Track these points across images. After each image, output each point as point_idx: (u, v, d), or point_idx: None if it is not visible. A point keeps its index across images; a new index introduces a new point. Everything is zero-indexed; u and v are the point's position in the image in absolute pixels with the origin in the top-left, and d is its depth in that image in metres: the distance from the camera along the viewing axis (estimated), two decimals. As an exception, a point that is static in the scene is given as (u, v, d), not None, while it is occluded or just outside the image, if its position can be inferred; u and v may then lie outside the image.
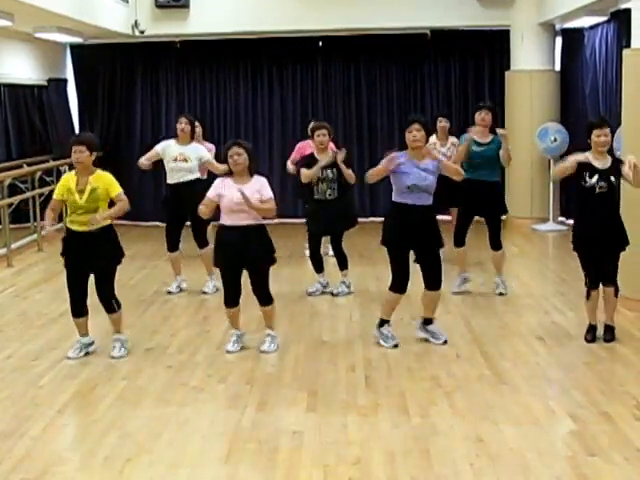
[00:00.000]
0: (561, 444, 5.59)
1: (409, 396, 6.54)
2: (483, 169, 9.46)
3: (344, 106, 15.69)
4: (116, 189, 7.54)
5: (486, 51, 15.44)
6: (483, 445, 5.58)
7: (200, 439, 5.82)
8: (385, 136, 15.28)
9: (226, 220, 7.54)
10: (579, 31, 13.62)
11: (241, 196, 7.27)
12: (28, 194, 13.10)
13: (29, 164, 13.78)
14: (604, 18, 12.18)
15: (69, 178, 7.55)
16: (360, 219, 15.33)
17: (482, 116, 9.62)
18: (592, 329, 7.92)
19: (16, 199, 12.69)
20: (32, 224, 13.16)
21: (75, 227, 7.49)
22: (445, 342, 7.87)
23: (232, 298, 7.71)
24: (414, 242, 7.64)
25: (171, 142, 9.87)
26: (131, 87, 15.92)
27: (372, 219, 14.49)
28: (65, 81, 15.86)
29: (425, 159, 7.60)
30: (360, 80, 15.65)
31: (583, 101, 13.44)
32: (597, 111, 12.65)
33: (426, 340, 7.90)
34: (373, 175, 7.60)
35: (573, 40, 14.12)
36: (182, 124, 9.80)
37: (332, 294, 9.82)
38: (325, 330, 8.43)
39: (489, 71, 15.50)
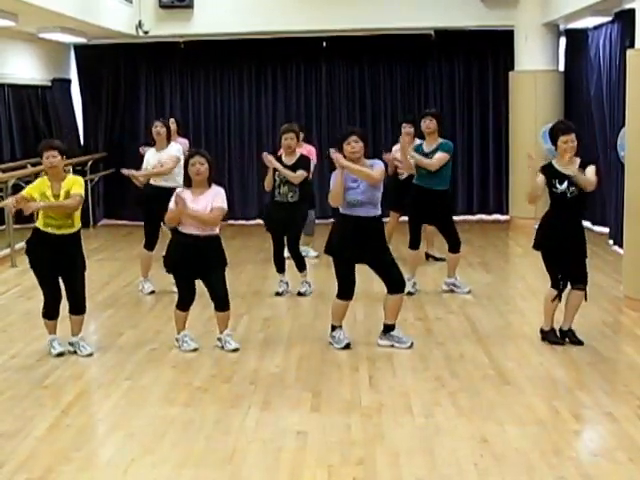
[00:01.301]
0: (565, 444, 5.58)
1: (413, 396, 6.54)
2: (429, 177, 9.48)
3: (348, 106, 15.71)
4: (78, 189, 7.49)
5: (490, 51, 15.45)
6: (487, 445, 5.58)
7: (204, 439, 5.82)
8: (389, 136, 15.27)
9: (182, 227, 7.61)
10: (583, 31, 13.60)
11: (196, 210, 7.48)
12: (32, 194, 13.10)
13: (33, 164, 13.76)
14: (608, 18, 12.16)
15: (43, 182, 7.52)
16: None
17: (427, 123, 9.61)
18: (553, 332, 7.88)
19: (20, 199, 12.68)
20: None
21: (51, 230, 7.48)
22: (411, 345, 7.82)
23: (187, 303, 7.90)
24: (361, 254, 7.65)
25: (151, 151, 9.99)
26: (135, 87, 15.94)
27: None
28: (69, 81, 15.87)
29: None
30: (364, 80, 15.66)
31: (587, 101, 13.42)
32: (601, 111, 12.65)
33: (391, 346, 7.83)
34: (335, 196, 7.60)
35: (577, 40, 14.10)
36: (157, 127, 9.94)
37: (299, 294, 9.88)
38: (329, 330, 8.42)
39: (493, 71, 15.51)
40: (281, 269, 10.00)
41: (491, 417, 6.10)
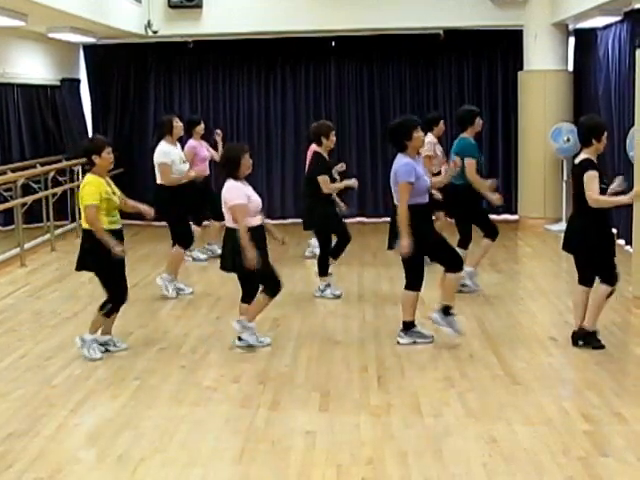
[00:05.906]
0: (574, 444, 5.57)
1: (422, 396, 6.53)
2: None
3: (357, 106, 15.70)
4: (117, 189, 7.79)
5: (499, 51, 15.44)
6: (496, 445, 5.58)
7: (213, 439, 5.83)
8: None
9: (252, 221, 7.54)
10: (592, 31, 13.57)
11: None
12: (41, 194, 13.14)
13: (42, 164, 13.83)
14: (617, 18, 12.13)
15: (101, 182, 7.46)
16: (374, 220, 15.40)
17: (481, 123, 9.71)
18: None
19: (29, 199, 12.71)
20: (45, 224, 13.19)
21: (115, 226, 7.56)
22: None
23: (254, 294, 7.94)
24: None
25: (169, 147, 9.86)
26: (144, 87, 15.95)
27: (385, 219, 14.46)
28: (78, 81, 15.90)
29: None
30: (373, 80, 15.65)
31: (596, 101, 13.40)
32: (610, 111, 12.62)
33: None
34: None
35: (586, 40, 14.08)
36: (180, 123, 9.99)
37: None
38: (338, 330, 8.43)
39: (502, 71, 15.49)
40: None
41: (500, 417, 6.09)
